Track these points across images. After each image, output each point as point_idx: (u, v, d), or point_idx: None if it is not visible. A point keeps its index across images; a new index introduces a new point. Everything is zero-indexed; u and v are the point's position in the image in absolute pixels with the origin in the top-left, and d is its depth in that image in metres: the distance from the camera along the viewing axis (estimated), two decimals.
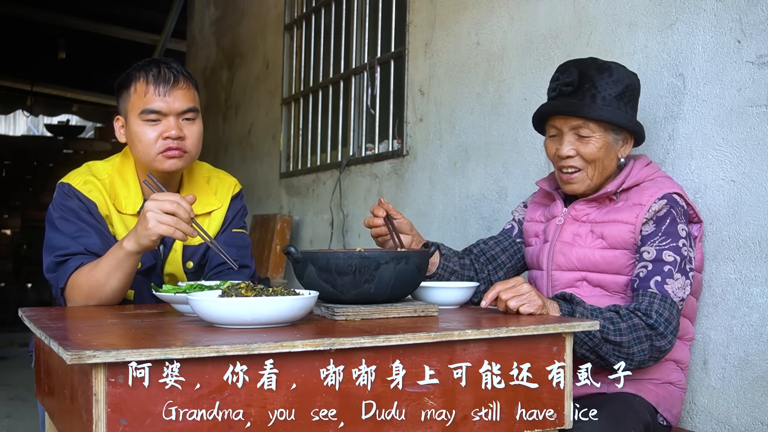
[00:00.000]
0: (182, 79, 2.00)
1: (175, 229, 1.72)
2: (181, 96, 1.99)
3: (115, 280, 1.85)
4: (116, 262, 1.83)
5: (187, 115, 2.01)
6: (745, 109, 1.94)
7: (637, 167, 1.97)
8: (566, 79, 1.93)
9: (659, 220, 1.87)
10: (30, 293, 9.45)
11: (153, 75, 1.98)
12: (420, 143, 3.43)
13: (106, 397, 1.16)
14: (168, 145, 1.97)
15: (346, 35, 4.34)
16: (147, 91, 1.97)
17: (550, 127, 2.00)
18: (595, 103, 1.90)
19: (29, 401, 4.75)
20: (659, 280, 1.80)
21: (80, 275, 1.89)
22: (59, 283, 1.93)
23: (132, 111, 1.99)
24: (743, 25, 1.95)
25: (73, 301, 1.92)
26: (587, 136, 1.92)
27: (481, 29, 2.99)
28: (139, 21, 8.66)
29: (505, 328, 1.45)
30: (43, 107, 11.84)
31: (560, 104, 1.94)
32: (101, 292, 1.87)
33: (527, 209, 2.21)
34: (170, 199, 1.73)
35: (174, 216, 1.72)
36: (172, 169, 2.01)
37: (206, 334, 1.34)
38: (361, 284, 1.57)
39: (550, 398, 1.50)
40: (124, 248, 1.80)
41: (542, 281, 2.04)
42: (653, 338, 1.76)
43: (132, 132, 2.00)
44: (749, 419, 1.91)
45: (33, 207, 9.77)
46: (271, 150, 5.33)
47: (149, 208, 1.72)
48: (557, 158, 1.97)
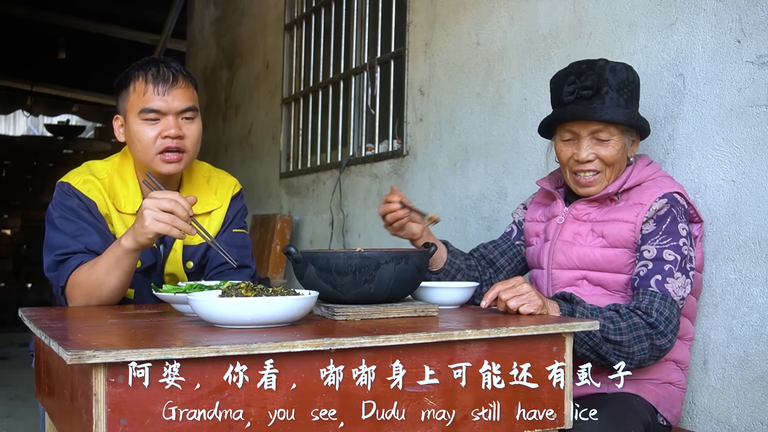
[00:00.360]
0: (181, 78, 2.00)
1: (171, 227, 1.71)
2: (181, 95, 1.99)
3: (114, 278, 1.85)
4: (115, 259, 1.83)
5: (186, 114, 2.01)
6: (745, 109, 1.94)
7: (639, 167, 1.97)
8: (585, 83, 1.90)
9: (660, 219, 1.87)
10: (30, 293, 9.45)
11: (152, 74, 1.97)
12: (420, 143, 3.43)
13: (106, 397, 1.16)
14: (167, 144, 1.97)
15: (346, 35, 4.34)
16: (146, 90, 1.97)
17: (564, 131, 1.96)
18: (617, 106, 1.90)
19: (29, 401, 4.75)
20: (660, 279, 1.80)
21: (80, 273, 1.89)
22: (60, 281, 1.93)
23: (131, 110, 1.99)
24: (743, 25, 1.95)
25: (74, 299, 1.92)
26: (606, 139, 1.92)
27: (481, 29, 2.99)
28: (139, 21, 8.66)
29: (505, 328, 1.44)
30: (43, 107, 11.83)
31: (583, 109, 1.90)
32: (101, 290, 1.87)
33: (527, 210, 2.21)
34: (168, 197, 1.73)
35: (172, 214, 1.72)
36: (171, 173, 2.01)
37: (206, 334, 1.34)
38: (361, 284, 1.57)
39: (550, 398, 1.50)
40: (122, 246, 1.80)
41: (543, 280, 2.04)
42: (653, 337, 1.76)
43: (131, 131, 2.00)
44: (749, 419, 1.91)
45: (33, 207, 9.77)
46: (271, 150, 5.33)
47: (147, 206, 1.72)
48: (575, 163, 1.95)
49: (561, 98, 1.95)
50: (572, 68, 1.97)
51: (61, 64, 9.33)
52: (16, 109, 12.59)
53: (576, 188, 2.00)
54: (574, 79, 1.93)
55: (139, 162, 2.04)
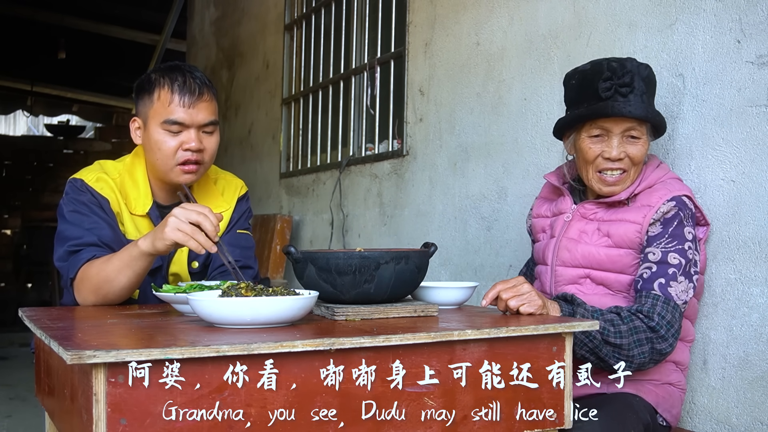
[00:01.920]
0: (206, 91, 2.01)
1: (190, 238, 1.69)
2: (204, 108, 2.00)
3: (124, 277, 1.85)
4: (129, 259, 1.83)
5: (207, 128, 2.02)
6: (745, 109, 1.94)
7: (649, 170, 1.96)
8: (624, 79, 1.88)
9: (666, 222, 1.85)
10: (30, 293, 9.45)
11: (178, 85, 1.98)
12: (420, 143, 3.43)
13: (106, 397, 1.16)
14: (187, 157, 1.99)
15: (346, 35, 4.34)
16: (171, 100, 1.97)
17: (595, 128, 1.92)
18: (648, 105, 1.90)
19: (29, 401, 4.75)
20: (663, 282, 1.79)
21: (91, 267, 1.89)
22: (70, 273, 1.92)
23: (153, 118, 2.00)
24: (743, 25, 1.95)
25: (80, 293, 1.91)
26: (638, 137, 1.91)
27: (481, 29, 2.99)
28: (139, 21, 8.65)
29: (505, 328, 1.44)
30: (43, 107, 11.82)
31: (623, 104, 1.86)
32: (109, 287, 1.86)
33: (533, 207, 2.21)
34: (198, 210, 1.71)
35: (197, 227, 1.70)
36: (187, 183, 2.02)
37: (206, 334, 1.34)
38: (361, 284, 1.57)
39: (550, 398, 1.50)
40: (139, 247, 1.80)
41: (546, 276, 2.04)
42: (654, 341, 1.75)
43: (151, 138, 2.01)
44: (749, 419, 1.91)
45: (33, 207, 9.76)
46: (271, 150, 5.33)
47: (174, 214, 1.71)
48: (603, 160, 1.92)
49: (596, 93, 1.90)
50: (601, 66, 1.93)
51: (61, 64, 9.32)
52: (16, 109, 12.57)
53: (600, 187, 1.95)
54: (611, 75, 1.89)
55: (154, 167, 2.05)
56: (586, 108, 1.93)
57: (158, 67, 2.05)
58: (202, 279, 2.11)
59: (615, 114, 1.87)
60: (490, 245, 2.93)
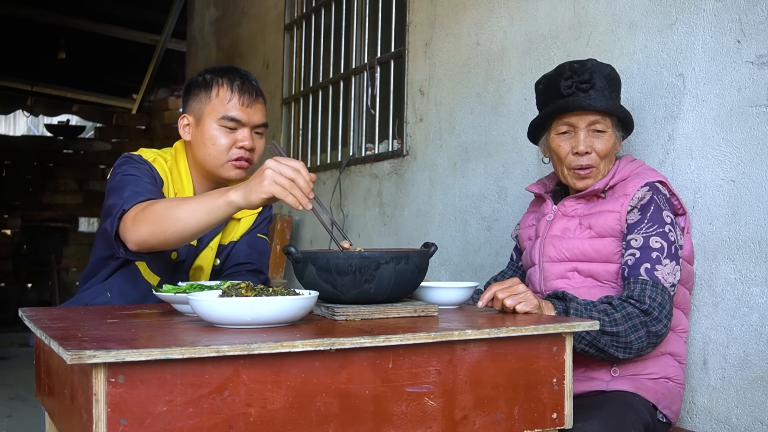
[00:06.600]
0: (261, 95, 2.09)
1: (288, 193, 1.61)
2: (260, 110, 2.07)
3: (195, 221, 1.72)
4: (210, 204, 1.71)
5: (259, 130, 2.08)
6: (745, 109, 1.94)
7: (623, 164, 2.03)
8: (583, 76, 1.96)
9: (643, 208, 1.91)
10: (30, 293, 9.44)
11: (238, 85, 2.04)
12: (420, 143, 3.44)
13: (106, 397, 1.16)
14: (240, 154, 2.04)
15: (346, 35, 4.34)
16: (231, 98, 2.03)
17: (561, 124, 2.00)
18: (612, 99, 1.97)
19: (29, 401, 4.75)
20: (649, 267, 1.84)
21: (158, 203, 1.79)
22: (126, 205, 1.82)
23: (210, 114, 2.03)
24: (743, 25, 1.95)
25: (135, 223, 1.79)
26: (603, 130, 1.98)
27: (481, 29, 2.99)
28: (139, 21, 8.66)
29: (504, 328, 1.45)
30: (43, 107, 11.81)
31: (583, 99, 1.94)
32: (175, 227, 1.74)
33: (520, 222, 2.28)
34: (292, 165, 1.62)
35: (292, 182, 1.61)
36: (237, 179, 2.05)
37: (206, 334, 1.34)
38: (361, 284, 1.57)
39: (550, 398, 1.50)
40: (228, 197, 1.68)
41: (535, 275, 2.08)
42: (649, 324, 1.79)
43: (205, 134, 2.03)
44: (749, 419, 1.91)
45: (33, 207, 9.75)
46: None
47: (270, 166, 1.61)
48: (573, 156, 1.99)
49: (558, 92, 1.99)
50: (563, 67, 2.02)
51: (61, 64, 9.31)
52: (16, 109, 12.56)
53: (574, 182, 2.03)
54: (571, 75, 1.98)
55: (203, 162, 2.06)
56: (553, 104, 2.01)
57: (212, 68, 2.10)
58: (218, 277, 2.14)
59: (576, 108, 1.95)
60: (490, 245, 2.93)
